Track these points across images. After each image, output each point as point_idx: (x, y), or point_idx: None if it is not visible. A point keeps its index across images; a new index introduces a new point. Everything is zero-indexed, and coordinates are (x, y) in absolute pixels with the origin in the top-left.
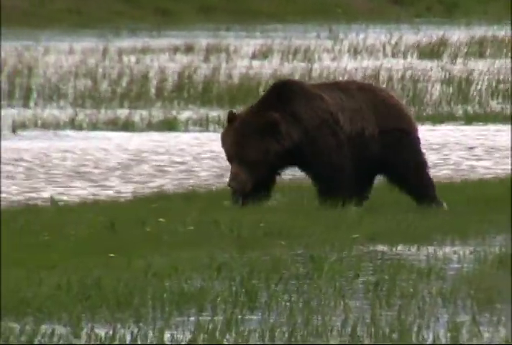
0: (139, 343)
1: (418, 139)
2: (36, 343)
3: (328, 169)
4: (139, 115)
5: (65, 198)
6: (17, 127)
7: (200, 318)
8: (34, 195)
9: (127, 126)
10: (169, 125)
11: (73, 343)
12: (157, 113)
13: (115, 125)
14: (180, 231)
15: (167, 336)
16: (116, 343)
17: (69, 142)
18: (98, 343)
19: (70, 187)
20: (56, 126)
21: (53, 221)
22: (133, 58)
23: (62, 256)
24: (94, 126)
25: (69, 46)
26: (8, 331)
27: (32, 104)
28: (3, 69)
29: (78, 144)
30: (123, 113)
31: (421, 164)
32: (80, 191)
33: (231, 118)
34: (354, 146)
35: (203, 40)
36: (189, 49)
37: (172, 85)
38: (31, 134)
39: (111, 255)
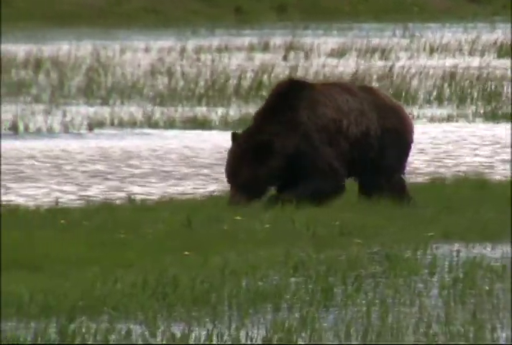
0: (215, 341)
1: (409, 143)
2: (111, 342)
3: (321, 172)
4: (216, 113)
5: (144, 196)
6: (94, 125)
7: (276, 316)
8: (119, 193)
9: (204, 124)
10: (246, 123)
11: (149, 342)
12: (235, 112)
13: (192, 123)
14: (257, 228)
15: (242, 334)
16: (192, 342)
17: (146, 141)
18: (173, 342)
19: (151, 185)
20: (133, 124)
21: (130, 219)
22: (210, 57)
23: (138, 255)
24: (171, 125)
25: (146, 44)
26: (84, 330)
27: (109, 102)
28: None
29: (159, 143)
30: (200, 111)
31: (399, 169)
32: (160, 190)
33: (234, 139)
34: (360, 148)
35: (279, 39)
36: (266, 47)
37: (249, 84)
38: (108, 133)
39: (188, 253)
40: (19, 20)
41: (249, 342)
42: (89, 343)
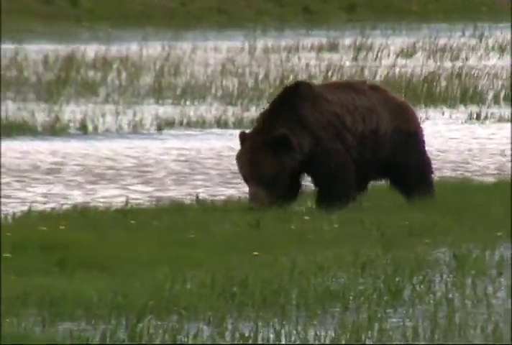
0: (283, 341)
1: (423, 141)
2: (179, 342)
3: (333, 169)
4: None
5: (214, 197)
6: (163, 126)
7: (344, 316)
8: (190, 194)
9: None
10: None
11: (217, 342)
12: None
13: None
14: (325, 229)
15: (310, 334)
16: (260, 342)
17: (216, 141)
18: (241, 342)
19: (220, 185)
20: (202, 124)
21: (199, 219)
22: (279, 57)
23: (207, 255)
24: (240, 125)
25: (215, 45)
26: (152, 330)
27: (178, 102)
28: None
29: (228, 143)
30: None
31: (424, 165)
32: (229, 190)
33: (243, 139)
34: (368, 145)
35: (348, 39)
36: (334, 47)
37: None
38: (177, 133)
39: (256, 253)
40: (86, 20)
41: (317, 342)
42: (157, 343)
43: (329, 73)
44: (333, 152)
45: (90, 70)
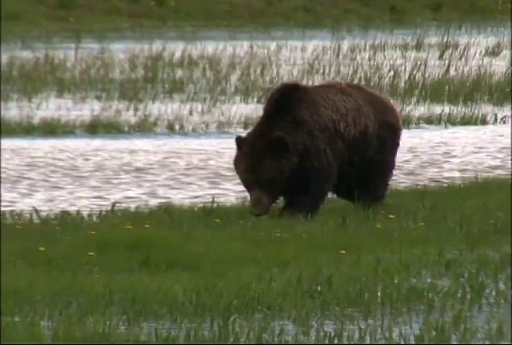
0: (367, 340)
1: (399, 138)
2: (264, 341)
3: (315, 168)
4: None
5: None
6: (250, 125)
7: (429, 314)
8: None
9: None
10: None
11: (301, 340)
12: None
13: None
14: (410, 227)
15: (395, 333)
16: (345, 341)
17: None
18: (326, 341)
19: None
20: None
21: (284, 218)
22: (365, 55)
23: (293, 253)
24: None
25: (301, 43)
26: (237, 329)
27: (264, 101)
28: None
29: None
30: None
31: (393, 163)
32: None
33: (240, 143)
34: (358, 147)
35: (434, 37)
36: (420, 46)
37: (404, 82)
38: None
39: (342, 252)
40: (171, 20)
41: (402, 341)
42: (242, 341)
43: (415, 72)
44: (322, 153)
45: (176, 68)
